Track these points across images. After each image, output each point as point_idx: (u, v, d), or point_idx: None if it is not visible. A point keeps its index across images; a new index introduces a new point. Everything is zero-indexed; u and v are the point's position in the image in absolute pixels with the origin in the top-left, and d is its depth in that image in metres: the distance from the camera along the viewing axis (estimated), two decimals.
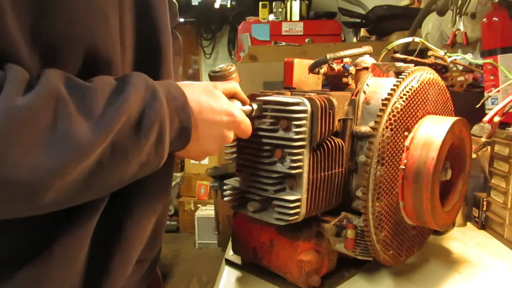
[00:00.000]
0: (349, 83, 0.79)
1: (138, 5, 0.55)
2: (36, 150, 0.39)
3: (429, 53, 0.92)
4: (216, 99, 0.57)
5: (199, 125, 0.54)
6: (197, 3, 4.23)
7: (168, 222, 3.80)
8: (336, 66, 0.76)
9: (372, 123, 0.68)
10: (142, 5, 0.55)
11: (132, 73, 0.50)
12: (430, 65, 0.86)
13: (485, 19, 1.14)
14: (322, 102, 0.65)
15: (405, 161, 0.68)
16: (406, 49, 1.27)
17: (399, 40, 0.95)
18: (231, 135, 0.60)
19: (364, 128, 0.71)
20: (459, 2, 1.25)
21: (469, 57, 1.04)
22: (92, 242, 0.52)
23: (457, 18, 1.28)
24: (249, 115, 0.65)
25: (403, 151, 0.69)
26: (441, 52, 0.92)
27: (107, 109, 0.44)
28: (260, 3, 3.12)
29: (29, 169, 0.39)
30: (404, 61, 0.82)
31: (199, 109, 0.54)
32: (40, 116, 0.40)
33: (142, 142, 0.46)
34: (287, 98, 0.66)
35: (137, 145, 0.46)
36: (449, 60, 0.92)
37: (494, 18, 1.11)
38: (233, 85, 0.65)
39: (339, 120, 0.71)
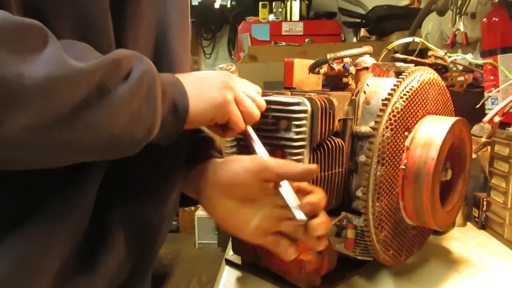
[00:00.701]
0: (349, 83, 0.79)
1: (157, 44, 0.56)
2: (23, 57, 0.36)
3: (429, 53, 0.92)
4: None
5: (191, 82, 0.53)
6: (197, 3, 4.23)
7: None
8: (336, 66, 0.76)
9: (372, 123, 0.68)
10: (162, 47, 0.56)
11: None
12: (430, 65, 0.86)
13: (485, 19, 1.14)
14: (322, 102, 0.65)
15: (405, 161, 0.68)
16: (406, 49, 1.27)
17: (399, 40, 0.95)
18: (230, 81, 0.56)
19: (364, 128, 0.71)
20: (459, 2, 1.25)
21: (469, 57, 1.04)
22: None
23: (457, 18, 1.28)
24: None
25: (403, 151, 0.69)
26: (441, 52, 0.92)
27: (94, 58, 0.42)
28: (260, 3, 3.12)
29: (12, 71, 0.35)
30: (404, 61, 0.82)
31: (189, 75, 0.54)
32: (31, 34, 0.38)
33: (132, 89, 0.44)
34: (287, 98, 0.66)
35: (127, 90, 0.43)
36: (449, 60, 0.92)
37: (494, 18, 1.11)
38: None
39: (339, 120, 0.71)
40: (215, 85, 0.55)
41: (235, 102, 0.57)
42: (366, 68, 0.77)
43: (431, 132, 0.68)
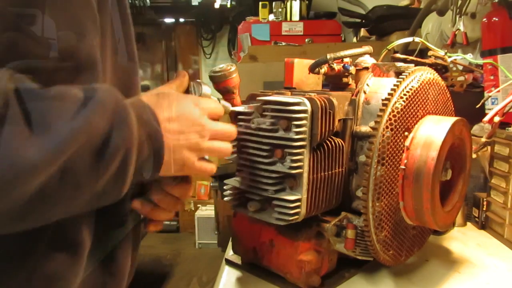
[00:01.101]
0: (349, 83, 0.79)
1: (116, 51, 0.55)
2: None
3: (429, 53, 0.92)
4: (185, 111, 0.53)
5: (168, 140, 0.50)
6: (197, 3, 4.23)
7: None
8: (336, 66, 0.76)
9: (372, 123, 0.68)
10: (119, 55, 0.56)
11: (102, 88, 0.43)
12: (430, 65, 0.86)
13: (485, 19, 1.14)
14: (323, 102, 0.65)
15: (405, 161, 0.68)
16: (406, 49, 1.27)
17: (399, 40, 0.95)
18: (207, 144, 0.55)
19: (364, 128, 0.71)
20: (459, 2, 1.25)
21: (469, 57, 1.04)
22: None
23: (457, 18, 1.28)
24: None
25: (403, 151, 0.69)
26: (441, 52, 0.92)
27: (64, 125, 0.36)
28: (260, 3, 3.12)
29: None
30: (404, 61, 0.82)
31: (168, 119, 0.51)
32: None
33: (100, 171, 0.39)
34: (287, 98, 0.66)
35: (94, 175, 0.39)
36: (449, 60, 0.92)
37: (494, 18, 1.11)
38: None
39: (339, 120, 0.71)
40: (188, 152, 0.53)
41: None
42: (366, 68, 0.77)
43: (431, 132, 0.68)
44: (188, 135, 0.52)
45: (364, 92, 0.74)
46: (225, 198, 0.73)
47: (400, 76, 0.70)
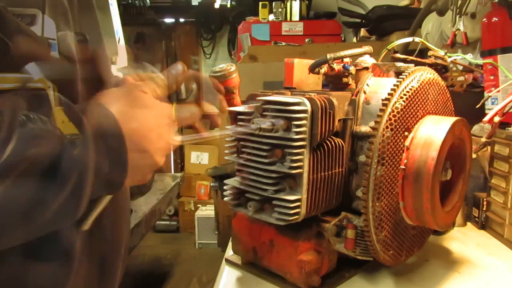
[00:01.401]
0: (349, 83, 0.79)
1: None
2: None
3: (429, 53, 0.92)
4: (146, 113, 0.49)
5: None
6: (197, 3, 4.23)
7: (168, 222, 3.82)
8: (336, 66, 0.76)
9: (372, 123, 0.68)
10: None
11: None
12: (430, 65, 0.86)
13: (485, 19, 1.14)
14: (323, 102, 0.65)
15: (405, 161, 0.68)
16: (406, 49, 1.27)
17: (399, 40, 0.95)
18: (169, 146, 0.53)
19: (364, 128, 0.71)
20: (459, 2, 1.25)
21: (469, 57, 1.04)
22: None
23: (457, 18, 1.28)
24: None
25: (403, 151, 0.69)
26: (441, 52, 0.92)
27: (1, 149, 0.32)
28: (260, 3, 3.12)
29: None
30: (404, 61, 0.82)
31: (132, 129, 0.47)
32: None
33: (49, 197, 0.36)
34: (287, 98, 0.66)
35: (43, 200, 0.36)
36: (449, 60, 0.92)
37: (494, 18, 1.11)
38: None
39: (339, 120, 0.71)
40: (156, 155, 0.50)
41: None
42: (366, 68, 0.77)
43: (431, 132, 0.68)
44: (154, 146, 0.50)
45: (364, 92, 0.74)
46: (225, 198, 0.73)
47: (400, 76, 0.70)
